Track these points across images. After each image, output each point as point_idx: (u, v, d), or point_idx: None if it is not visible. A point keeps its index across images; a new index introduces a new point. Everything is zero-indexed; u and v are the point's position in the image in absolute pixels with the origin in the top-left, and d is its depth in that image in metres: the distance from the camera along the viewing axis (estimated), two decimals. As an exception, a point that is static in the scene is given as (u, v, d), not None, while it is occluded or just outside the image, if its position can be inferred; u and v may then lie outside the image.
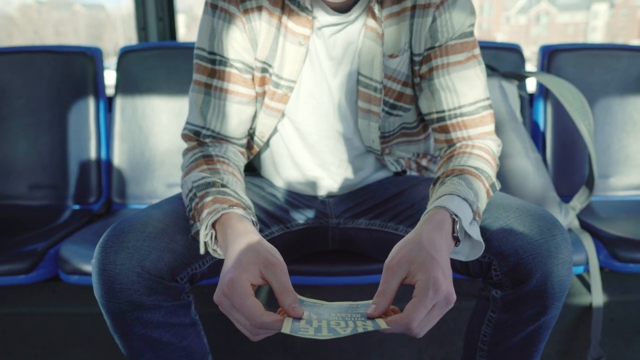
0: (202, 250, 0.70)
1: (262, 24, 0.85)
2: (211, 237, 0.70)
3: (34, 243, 1.24)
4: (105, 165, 1.57)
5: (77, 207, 1.54)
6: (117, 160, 1.55)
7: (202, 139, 0.89)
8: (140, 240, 0.72)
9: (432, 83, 0.87)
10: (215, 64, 0.87)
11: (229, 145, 0.90)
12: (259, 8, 0.85)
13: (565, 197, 1.47)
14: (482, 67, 0.88)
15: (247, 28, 0.86)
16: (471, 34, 0.87)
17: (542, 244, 0.72)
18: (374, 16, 0.84)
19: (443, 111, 0.87)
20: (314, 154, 0.96)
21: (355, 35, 0.87)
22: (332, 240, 1.04)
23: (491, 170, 0.80)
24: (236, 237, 0.65)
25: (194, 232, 0.74)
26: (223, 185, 0.75)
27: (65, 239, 1.29)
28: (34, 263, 1.18)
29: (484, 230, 0.75)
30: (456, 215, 0.67)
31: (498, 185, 0.80)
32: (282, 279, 0.61)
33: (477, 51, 0.88)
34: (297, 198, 1.02)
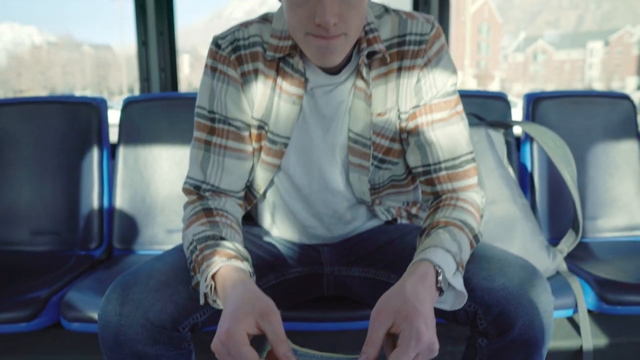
0: (202, 301, 0.75)
1: (259, 85, 0.91)
2: (211, 289, 0.75)
3: (36, 290, 1.26)
4: (107, 212, 1.62)
5: (78, 253, 1.57)
6: (119, 206, 1.60)
7: (202, 193, 0.92)
8: (144, 292, 0.77)
9: (418, 139, 0.92)
10: (214, 122, 0.92)
11: (228, 198, 0.94)
12: (255, 71, 0.91)
13: (555, 239, 1.51)
14: (465, 122, 0.93)
15: (244, 89, 0.92)
16: (454, 92, 0.92)
17: (523, 293, 0.76)
18: (362, 78, 0.89)
19: (429, 165, 0.92)
20: (308, 205, 1.00)
21: (345, 95, 0.92)
22: (327, 286, 1.08)
23: (475, 223, 0.85)
24: (234, 288, 0.70)
25: (194, 283, 0.78)
26: (222, 239, 0.80)
27: (67, 286, 1.31)
28: (36, 311, 1.21)
29: (468, 281, 0.79)
30: (439, 267, 0.72)
31: (481, 237, 0.85)
32: (277, 329, 0.65)
33: (460, 107, 0.92)
34: (293, 247, 1.06)
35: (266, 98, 0.91)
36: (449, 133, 0.90)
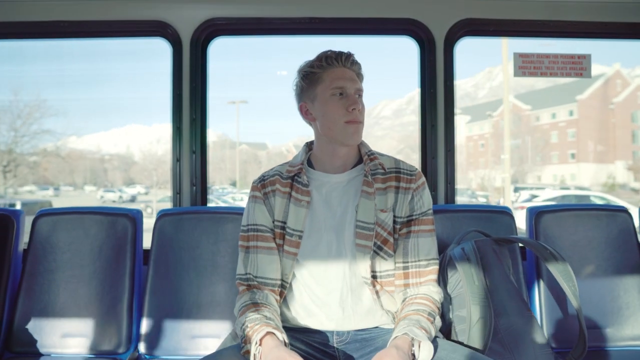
0: (252, 359, 1.10)
1: (277, 198, 1.31)
2: (258, 352, 1.08)
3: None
4: (136, 317, 1.71)
5: (107, 357, 1.65)
6: (147, 312, 1.70)
7: (249, 283, 1.26)
8: None
9: (406, 242, 1.28)
10: (248, 232, 1.31)
11: (268, 293, 1.25)
12: (273, 190, 1.32)
13: (565, 349, 1.55)
14: (435, 236, 1.31)
15: (266, 203, 1.32)
16: (432, 214, 1.32)
17: None
18: (367, 183, 1.27)
19: (408, 262, 1.28)
20: (321, 284, 1.26)
21: (352, 195, 1.28)
22: None
23: (426, 307, 1.20)
24: (271, 350, 1.08)
25: (243, 351, 1.14)
26: (268, 318, 1.15)
27: (97, 392, 1.39)
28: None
29: None
30: (414, 337, 1.10)
31: (435, 313, 1.21)
32: None
33: (434, 226, 1.32)
34: (314, 349, 1.25)
35: (283, 206, 1.30)
36: (426, 242, 1.29)
